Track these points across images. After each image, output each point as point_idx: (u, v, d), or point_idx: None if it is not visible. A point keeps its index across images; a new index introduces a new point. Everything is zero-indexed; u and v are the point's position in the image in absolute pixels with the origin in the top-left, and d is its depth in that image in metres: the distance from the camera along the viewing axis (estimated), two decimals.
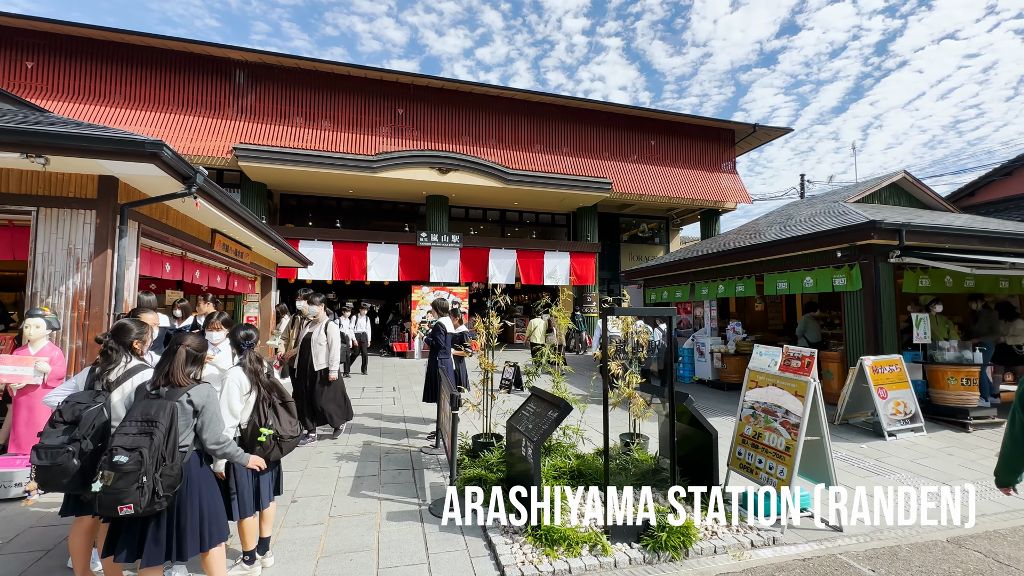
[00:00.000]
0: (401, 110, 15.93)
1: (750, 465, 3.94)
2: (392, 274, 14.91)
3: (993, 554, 3.32)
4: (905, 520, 3.85)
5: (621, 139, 18.16)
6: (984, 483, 4.64)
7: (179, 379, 2.41)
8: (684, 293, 10.81)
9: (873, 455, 5.41)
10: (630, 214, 20.26)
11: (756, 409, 4.04)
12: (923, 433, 6.03)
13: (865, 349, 6.86)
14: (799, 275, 7.94)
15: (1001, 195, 16.73)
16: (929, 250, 7.01)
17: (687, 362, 10.11)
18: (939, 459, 5.26)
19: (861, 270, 6.95)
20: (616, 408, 4.93)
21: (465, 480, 4.18)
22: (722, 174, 19.06)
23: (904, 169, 9.91)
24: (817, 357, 3.81)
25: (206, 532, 2.31)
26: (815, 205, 10.30)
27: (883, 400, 6.01)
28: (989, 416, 6.33)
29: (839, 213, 8.04)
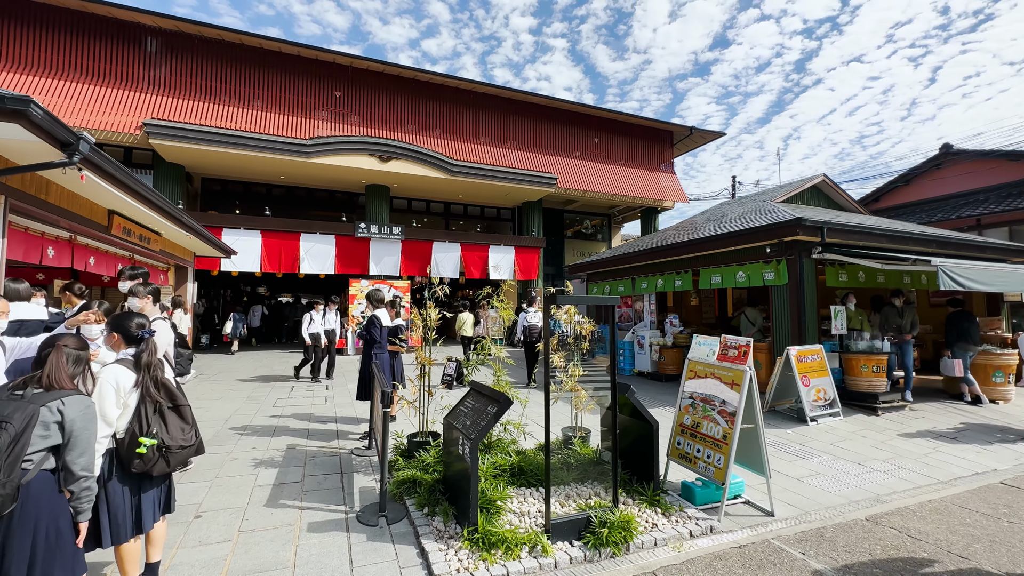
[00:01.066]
0: (339, 93, 15.06)
1: (689, 455, 3.95)
2: (328, 266, 14.11)
3: (906, 530, 3.51)
4: (829, 501, 4.01)
5: (566, 136, 18.27)
6: (893, 463, 4.98)
7: (63, 381, 2.00)
8: (626, 287, 11.00)
9: (798, 440, 5.68)
10: (574, 210, 20.50)
11: (695, 399, 4.05)
12: (840, 418, 6.44)
13: (791, 340, 7.24)
14: (732, 270, 8.26)
15: (902, 201, 18.54)
16: (846, 247, 7.51)
17: (627, 355, 10.30)
18: (855, 441, 5.61)
19: (788, 265, 7.32)
20: (558, 402, 4.81)
21: (398, 483, 3.89)
22: (661, 174, 19.72)
23: (823, 173, 10.64)
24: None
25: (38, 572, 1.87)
26: (746, 204, 10.82)
27: (806, 388, 6.35)
28: (894, 400, 6.88)
29: (768, 211, 8.45)
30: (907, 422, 6.39)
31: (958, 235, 9.28)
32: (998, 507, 3.94)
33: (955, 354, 7.43)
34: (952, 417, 6.68)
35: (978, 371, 7.47)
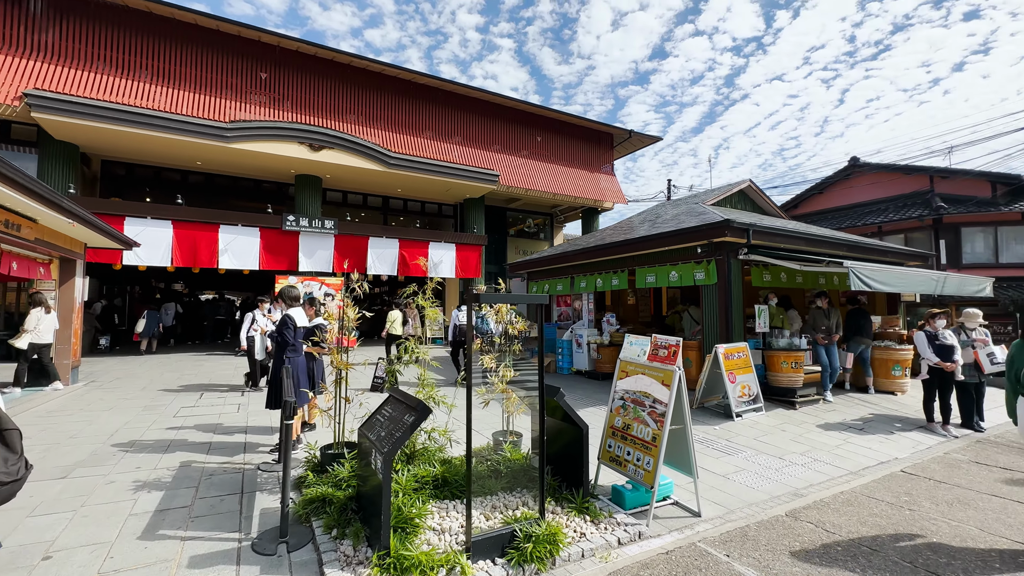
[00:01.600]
0: (264, 74, 13.95)
1: (619, 458, 3.84)
2: (251, 261, 13.04)
3: (822, 523, 3.60)
4: (752, 498, 4.07)
5: (510, 134, 18.12)
6: (810, 455, 5.19)
7: None
8: (565, 286, 10.99)
9: (724, 436, 5.81)
10: (517, 208, 20.42)
11: (626, 400, 3.96)
12: (763, 412, 6.70)
13: (719, 338, 7.47)
14: (666, 269, 8.42)
15: (817, 208, 20.07)
16: (770, 249, 7.86)
17: (566, 353, 10.28)
18: (775, 436, 5.83)
19: (717, 265, 7.54)
20: (489, 405, 4.58)
21: (306, 502, 3.48)
22: (601, 175, 20.09)
23: (749, 179, 11.19)
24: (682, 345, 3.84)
25: None
26: (680, 206, 11.15)
27: (732, 384, 6.54)
28: (809, 395, 7.28)
29: (699, 213, 8.71)
30: (822, 415, 6.76)
31: (865, 240, 10.06)
32: (900, 495, 4.16)
33: (850, 347, 8.07)
34: (860, 409, 7.16)
35: (879, 365, 8.10)
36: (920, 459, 5.17)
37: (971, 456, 5.28)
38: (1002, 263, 14.96)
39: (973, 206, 15.32)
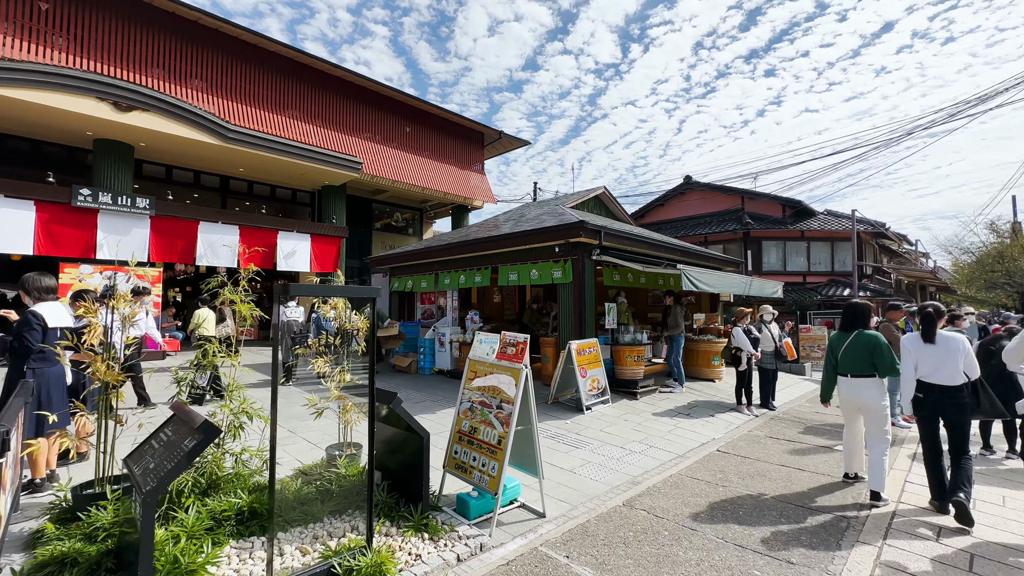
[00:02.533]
0: (46, 5, 10.92)
1: (465, 464, 3.59)
2: (23, 245, 10.12)
3: (653, 509, 3.79)
4: (595, 491, 4.16)
5: (379, 121, 17.01)
6: (647, 443, 5.59)
7: None
8: (429, 283, 10.57)
9: (575, 429, 6.00)
10: (384, 201, 19.34)
11: (474, 402, 3.73)
12: (609, 404, 7.12)
13: (573, 334, 7.78)
14: (527, 268, 8.54)
15: (660, 218, 22.65)
16: (620, 251, 8.45)
17: (428, 353, 9.88)
18: (619, 426, 6.20)
19: (572, 265, 7.85)
20: (323, 415, 3.99)
21: (38, 567, 2.55)
22: (472, 173, 20.06)
23: (604, 186, 12.06)
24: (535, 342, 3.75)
25: None
26: (543, 207, 11.51)
27: (583, 378, 6.83)
28: (648, 385, 7.98)
29: (559, 214, 9.03)
30: (658, 403, 7.44)
31: (695, 247, 11.49)
32: (716, 473, 4.64)
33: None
34: (687, 396, 8.06)
35: (703, 356, 9.26)
36: (731, 437, 5.91)
37: (767, 432, 6.21)
38: (788, 271, 18.55)
39: (770, 224, 18.72)
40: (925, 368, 3.89)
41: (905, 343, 4.02)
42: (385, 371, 10.17)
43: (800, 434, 6.12)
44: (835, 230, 18.01)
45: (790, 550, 3.18)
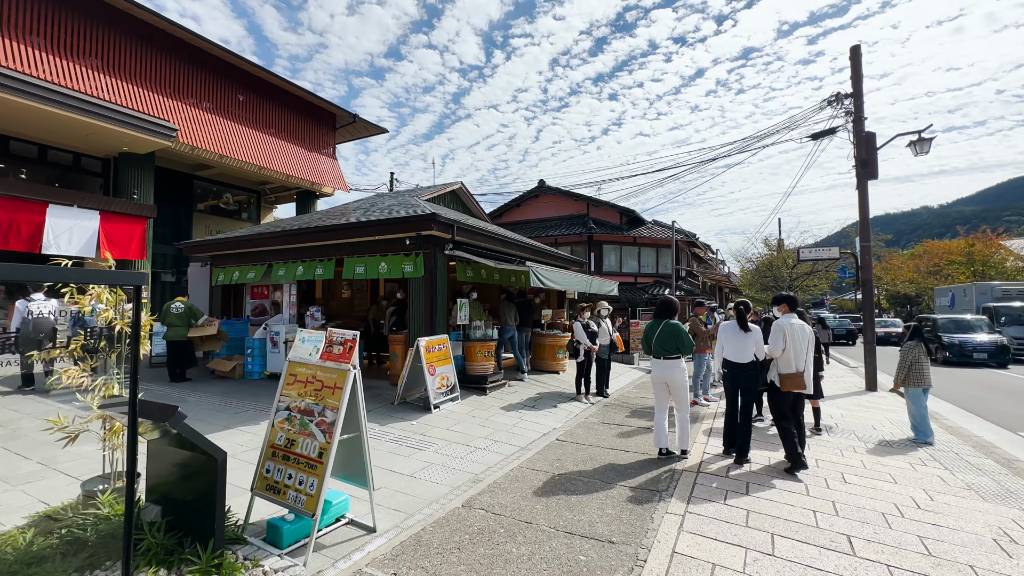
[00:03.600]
0: None
1: (279, 484, 3.07)
2: None
3: (492, 507, 3.74)
4: (435, 494, 3.96)
5: (206, 86, 14.35)
6: (492, 438, 5.59)
7: None
8: (258, 274, 9.24)
9: (421, 430, 5.73)
10: (211, 179, 16.51)
11: (292, 410, 3.22)
12: (459, 401, 7.02)
13: (424, 330, 7.49)
14: (375, 260, 7.98)
15: (516, 219, 23.53)
16: (473, 247, 8.41)
17: (258, 354, 8.62)
18: (467, 423, 6.12)
19: (424, 259, 7.55)
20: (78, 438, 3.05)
21: None
22: (322, 156, 18.32)
23: (461, 181, 11.98)
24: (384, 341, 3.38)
25: None
26: (396, 198, 10.97)
27: (432, 376, 6.59)
28: (498, 380, 8.10)
29: (412, 205, 8.64)
30: (506, 397, 7.58)
31: (546, 247, 12.11)
32: (553, 463, 4.82)
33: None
34: (533, 388, 8.39)
35: (549, 350, 9.78)
36: (570, 426, 6.27)
37: (600, 418, 6.74)
38: (623, 272, 20.87)
39: (610, 229, 20.83)
40: (731, 350, 4.97)
41: (722, 329, 5.09)
42: (202, 377, 8.59)
43: (627, 418, 6.78)
44: (660, 238, 20.82)
45: (612, 529, 3.38)
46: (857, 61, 10.79)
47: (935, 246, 34.34)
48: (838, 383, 10.87)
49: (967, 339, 14.59)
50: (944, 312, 22.48)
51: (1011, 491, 4.35)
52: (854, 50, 10.92)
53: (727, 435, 5.13)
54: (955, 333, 15.10)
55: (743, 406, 4.97)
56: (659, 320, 5.11)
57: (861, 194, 10.76)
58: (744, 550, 3.08)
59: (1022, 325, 16.34)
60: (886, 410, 7.96)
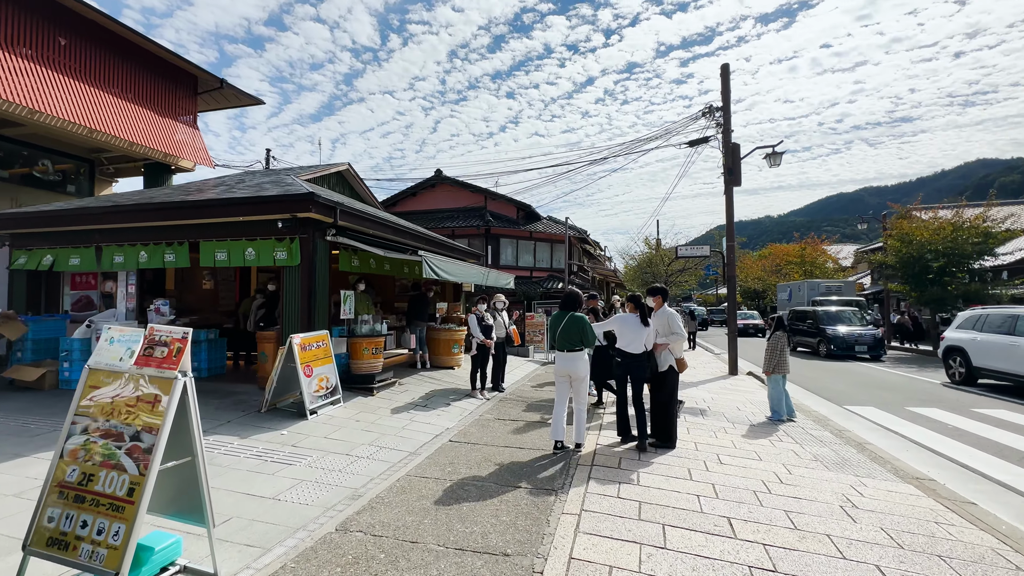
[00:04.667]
0: None
1: (66, 537, 2.28)
2: None
3: (372, 527, 3.25)
4: (303, 518, 3.35)
5: (13, 20, 11.26)
6: (377, 444, 5.05)
7: None
8: (86, 260, 7.46)
9: (292, 440, 4.97)
10: (21, 140, 13.14)
11: (92, 434, 2.42)
12: (341, 405, 6.30)
13: (300, 326, 6.61)
14: (241, 245, 6.85)
15: (412, 208, 22.54)
16: (360, 233, 7.64)
17: (78, 358, 6.93)
18: (348, 429, 5.47)
19: (300, 244, 6.65)
20: None
21: None
22: (179, 124, 15.63)
23: (348, 162, 10.96)
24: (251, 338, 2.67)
25: None
26: (270, 175, 9.66)
27: (308, 378, 5.81)
28: (387, 379, 7.49)
29: (287, 184, 7.59)
30: (395, 397, 7.01)
31: (442, 238, 11.61)
32: (445, 467, 4.45)
33: (412, 329, 9.12)
34: (427, 385, 7.92)
35: (443, 344, 9.37)
36: (464, 424, 5.94)
37: (496, 414, 6.52)
38: (520, 266, 21.12)
39: (507, 223, 20.91)
40: (626, 340, 5.02)
41: (621, 321, 5.14)
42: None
43: (523, 412, 6.65)
44: (554, 233, 21.42)
45: (507, 539, 3.12)
46: (726, 78, 11.93)
47: (777, 249, 40.35)
48: (707, 368, 12.03)
49: (850, 332, 14.66)
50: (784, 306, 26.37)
51: (845, 459, 4.97)
52: (724, 68, 12.07)
53: (621, 424, 5.24)
54: (837, 326, 15.17)
55: (635, 393, 5.10)
56: (564, 312, 5.00)
57: (728, 199, 11.97)
58: (639, 546, 3.01)
59: None
60: (746, 392, 8.90)
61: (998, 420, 6.98)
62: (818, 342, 15.51)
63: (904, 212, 19.03)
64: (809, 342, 16.18)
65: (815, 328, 15.85)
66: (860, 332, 14.69)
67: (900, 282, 17.95)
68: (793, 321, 17.34)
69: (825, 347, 15.01)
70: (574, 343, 4.87)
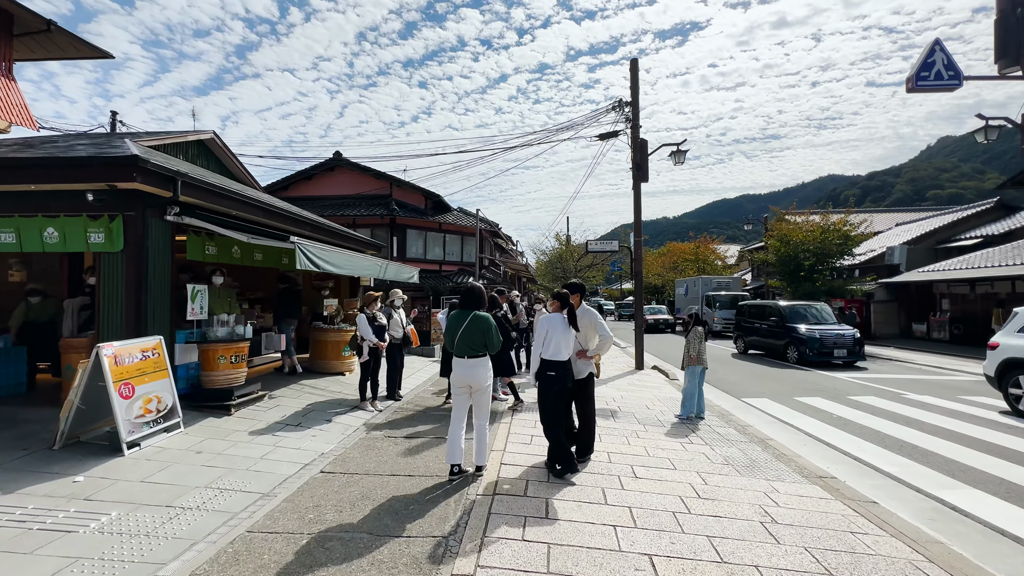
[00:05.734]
0: None
1: None
2: None
3: None
4: None
5: None
6: (218, 483, 3.87)
7: None
8: None
9: (87, 492, 3.61)
10: None
11: None
12: (180, 431, 4.92)
13: (124, 331, 5.08)
14: (35, 223, 5.12)
15: (306, 194, 20.29)
16: (220, 215, 6.18)
17: None
18: (182, 465, 4.19)
19: (125, 224, 5.11)
20: None
21: None
22: None
23: (214, 131, 9.15)
24: None
25: None
26: (96, 139, 7.66)
27: (127, 400, 4.39)
28: (252, 392, 6.15)
29: (110, 146, 5.88)
30: (260, 416, 5.74)
31: (332, 224, 10.20)
32: (306, 513, 3.45)
33: (281, 329, 7.76)
34: (305, 397, 6.69)
35: (331, 347, 8.13)
36: (345, 447, 4.91)
37: (387, 430, 5.56)
38: (428, 259, 19.97)
39: (415, 214, 19.63)
40: (555, 347, 4.21)
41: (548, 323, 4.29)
42: None
43: (420, 425, 5.77)
44: (465, 225, 20.55)
45: None
46: (635, 73, 11.92)
47: (675, 247, 43.33)
48: (615, 363, 12.03)
49: (827, 331, 11.98)
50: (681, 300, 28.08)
51: (754, 460, 4.81)
52: (633, 62, 12.05)
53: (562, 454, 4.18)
54: (810, 324, 12.46)
55: (564, 411, 4.42)
56: (465, 312, 4.17)
57: (636, 194, 12.00)
58: None
59: (730, 309, 21.28)
60: (653, 387, 8.84)
61: (870, 407, 7.51)
62: (784, 345, 12.48)
63: (781, 215, 21.01)
64: (771, 345, 13.28)
65: (779, 327, 12.87)
66: (838, 332, 11.92)
67: (779, 278, 19.75)
68: (746, 318, 14.73)
69: (796, 351, 12.06)
70: (477, 348, 4.10)
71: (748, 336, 14.51)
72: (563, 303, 4.37)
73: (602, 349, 4.56)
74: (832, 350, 11.61)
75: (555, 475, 4.16)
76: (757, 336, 14.12)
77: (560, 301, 4.40)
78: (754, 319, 14.41)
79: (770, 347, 13.43)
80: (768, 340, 13.50)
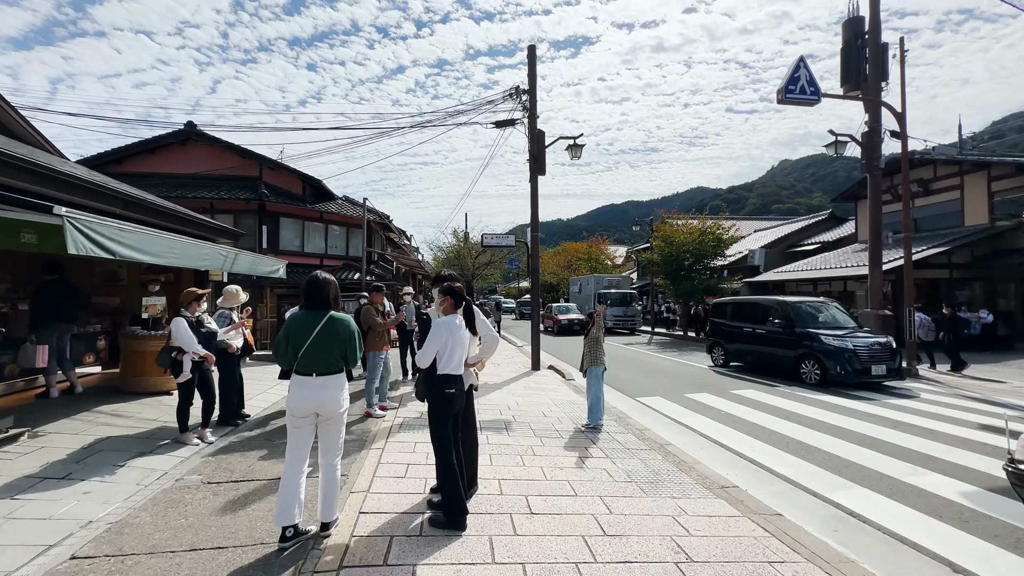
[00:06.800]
0: None
1: None
2: None
3: None
4: None
5: None
6: None
7: None
8: None
9: None
10: None
11: None
12: None
13: None
14: None
15: (149, 169, 16.79)
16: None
17: None
18: None
19: None
20: None
21: None
22: None
23: None
24: None
25: None
26: None
27: None
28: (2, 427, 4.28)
29: None
30: (16, 460, 3.94)
31: (162, 203, 8.06)
32: None
33: (41, 339, 5.60)
34: (96, 430, 4.92)
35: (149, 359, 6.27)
36: (131, 507, 3.44)
37: (209, 472, 4.14)
38: (307, 252, 17.71)
39: (290, 200, 17.26)
40: (455, 359, 3.26)
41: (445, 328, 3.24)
42: None
43: (259, 460, 4.44)
44: (351, 215, 18.61)
45: None
46: (533, 61, 11.39)
47: (569, 247, 44.76)
48: (511, 364, 11.42)
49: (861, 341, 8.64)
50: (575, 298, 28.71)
51: (656, 472, 4.38)
52: (531, 49, 11.52)
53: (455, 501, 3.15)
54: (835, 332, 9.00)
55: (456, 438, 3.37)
56: (317, 313, 3.05)
57: (533, 188, 11.50)
58: None
59: (620, 306, 22.08)
60: (550, 390, 8.32)
61: (751, 400, 7.73)
62: (797, 358, 9.12)
63: (665, 218, 22.38)
64: (773, 357, 9.79)
65: (785, 333, 9.46)
66: (875, 341, 8.69)
67: (663, 277, 20.92)
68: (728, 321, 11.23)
69: (819, 369, 8.68)
70: (331, 363, 3.01)
71: (731, 344, 10.90)
72: (457, 300, 3.39)
73: (487, 353, 3.73)
74: (870, 366, 8.40)
75: (434, 523, 3.21)
76: (747, 344, 10.50)
77: (453, 298, 3.38)
78: (742, 322, 10.76)
79: (772, 360, 9.87)
80: (768, 350, 9.94)
